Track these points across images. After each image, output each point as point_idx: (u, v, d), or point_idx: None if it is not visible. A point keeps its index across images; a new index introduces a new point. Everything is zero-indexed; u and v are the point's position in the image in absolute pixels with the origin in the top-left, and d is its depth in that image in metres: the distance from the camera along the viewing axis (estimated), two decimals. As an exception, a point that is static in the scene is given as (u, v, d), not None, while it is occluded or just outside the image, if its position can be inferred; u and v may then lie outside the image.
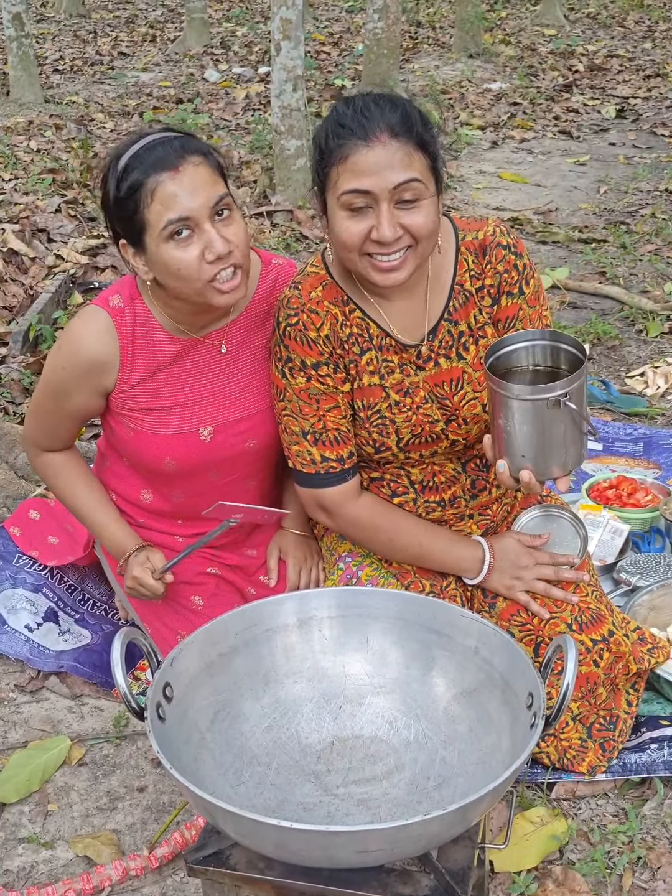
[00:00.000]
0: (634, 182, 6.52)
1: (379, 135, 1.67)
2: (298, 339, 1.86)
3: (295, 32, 5.42)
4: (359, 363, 1.89)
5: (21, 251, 4.66)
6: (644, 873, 1.83)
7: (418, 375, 1.90)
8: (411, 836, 1.27)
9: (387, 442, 1.92)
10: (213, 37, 11.85)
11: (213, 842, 1.45)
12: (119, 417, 2.04)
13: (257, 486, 2.17)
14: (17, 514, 2.62)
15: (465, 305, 1.89)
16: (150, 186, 1.76)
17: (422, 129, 1.71)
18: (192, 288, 1.82)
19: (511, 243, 1.87)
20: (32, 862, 1.90)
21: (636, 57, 10.71)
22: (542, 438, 1.62)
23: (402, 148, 1.68)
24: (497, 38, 11.36)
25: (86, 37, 12.37)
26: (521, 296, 1.88)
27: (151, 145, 1.79)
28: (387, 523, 1.95)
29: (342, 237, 1.73)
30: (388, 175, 1.67)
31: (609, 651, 1.93)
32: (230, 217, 1.82)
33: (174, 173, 1.76)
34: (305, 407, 1.89)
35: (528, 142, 7.67)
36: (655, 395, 3.69)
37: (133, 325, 1.96)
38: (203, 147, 1.84)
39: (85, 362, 1.96)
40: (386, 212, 1.68)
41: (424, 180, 1.70)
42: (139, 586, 2.05)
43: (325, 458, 1.90)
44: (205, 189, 1.78)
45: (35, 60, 8.71)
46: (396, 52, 7.95)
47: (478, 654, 1.61)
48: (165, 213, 1.76)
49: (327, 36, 11.77)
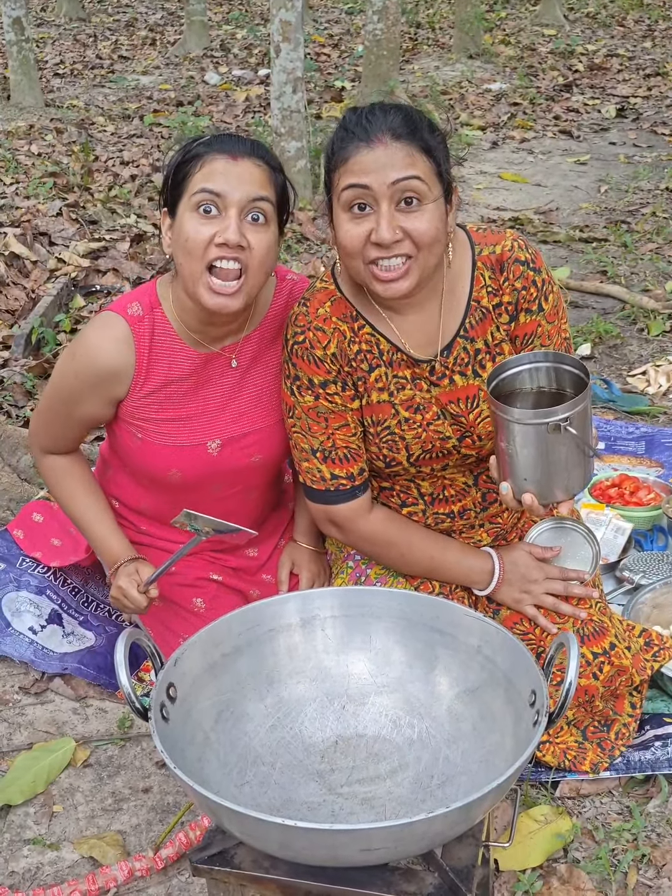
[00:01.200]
0: (635, 181, 6.53)
1: (381, 136, 1.67)
2: (305, 358, 1.84)
3: (294, 34, 5.43)
4: (367, 380, 1.87)
5: (23, 255, 4.67)
6: (649, 871, 1.83)
7: (432, 392, 1.88)
8: (415, 834, 1.28)
9: (397, 457, 1.90)
10: (212, 39, 11.86)
11: (217, 841, 1.45)
12: (126, 426, 2.03)
13: (258, 497, 2.17)
14: (21, 516, 2.62)
15: (482, 322, 1.86)
16: (205, 159, 1.80)
17: (427, 133, 1.71)
18: (191, 268, 1.81)
19: (529, 258, 1.83)
20: (38, 863, 1.91)
21: (636, 56, 10.72)
22: (545, 462, 1.61)
23: (404, 149, 1.67)
24: (497, 38, 11.37)
25: (86, 40, 12.38)
26: (540, 312, 1.84)
27: (230, 136, 1.85)
28: (399, 538, 1.94)
29: (344, 241, 1.72)
30: (387, 172, 1.66)
31: (610, 664, 1.92)
32: (261, 226, 1.81)
33: (231, 159, 1.80)
34: (314, 425, 1.87)
35: (528, 142, 7.68)
36: (657, 393, 3.69)
37: (151, 334, 1.94)
38: (274, 161, 1.86)
39: (100, 372, 1.93)
40: (386, 212, 1.67)
41: (427, 181, 1.69)
42: (122, 597, 2.02)
43: (335, 476, 1.89)
44: (250, 185, 1.80)
45: (35, 64, 8.72)
46: (396, 54, 7.96)
47: (480, 653, 1.61)
48: (203, 181, 1.79)
49: (327, 38, 11.78)
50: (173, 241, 1.85)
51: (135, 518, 2.19)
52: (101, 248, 4.89)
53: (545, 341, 1.87)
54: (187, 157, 1.82)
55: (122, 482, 2.17)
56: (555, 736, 1.95)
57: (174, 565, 1.98)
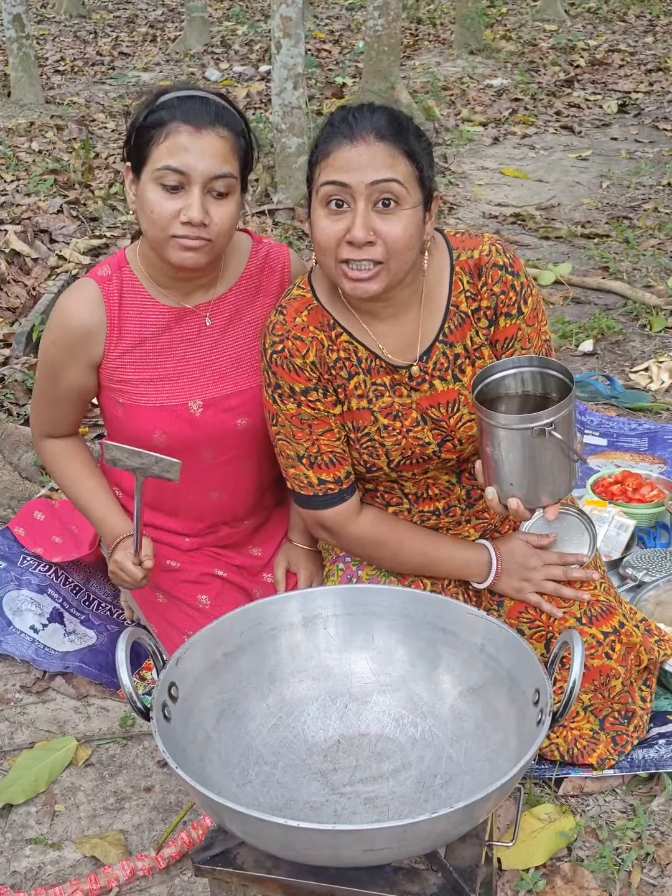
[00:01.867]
0: (637, 177, 6.51)
1: (365, 135, 1.66)
2: (285, 366, 1.84)
3: (295, 30, 5.41)
4: (347, 387, 1.87)
5: (23, 252, 4.66)
6: (653, 870, 1.82)
7: (412, 397, 1.88)
8: (418, 834, 1.27)
9: (378, 463, 1.91)
10: (213, 36, 11.84)
11: (219, 841, 1.44)
12: (109, 393, 2.04)
13: (255, 467, 2.16)
14: (22, 514, 2.61)
15: (461, 327, 1.85)
16: (168, 128, 1.80)
17: (412, 137, 1.69)
18: (156, 235, 1.85)
19: (507, 263, 1.82)
20: (40, 863, 1.90)
21: (637, 51, 10.69)
22: (530, 467, 1.60)
23: (386, 149, 1.66)
24: (498, 34, 11.34)
25: (86, 37, 12.36)
26: (519, 316, 1.84)
27: (193, 97, 1.83)
28: (389, 538, 1.93)
29: (318, 237, 1.71)
30: (367, 171, 1.65)
31: (620, 643, 1.92)
32: (224, 201, 1.84)
33: (195, 130, 1.80)
34: (298, 432, 1.87)
35: (529, 137, 7.66)
36: (660, 389, 3.68)
37: (120, 291, 1.97)
38: (237, 126, 1.86)
39: (73, 333, 1.97)
40: (362, 211, 1.66)
41: (406, 185, 1.67)
42: (119, 570, 2.04)
43: (322, 481, 1.89)
44: (213, 160, 1.81)
45: (36, 61, 8.71)
46: (397, 50, 7.93)
47: (484, 652, 1.60)
48: (167, 157, 1.79)
49: (328, 34, 11.76)
50: (137, 204, 1.88)
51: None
52: (102, 245, 4.89)
53: (525, 344, 1.86)
54: (151, 122, 1.82)
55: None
56: (570, 720, 1.94)
57: (181, 557, 1.98)
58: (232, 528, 2.23)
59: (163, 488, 2.04)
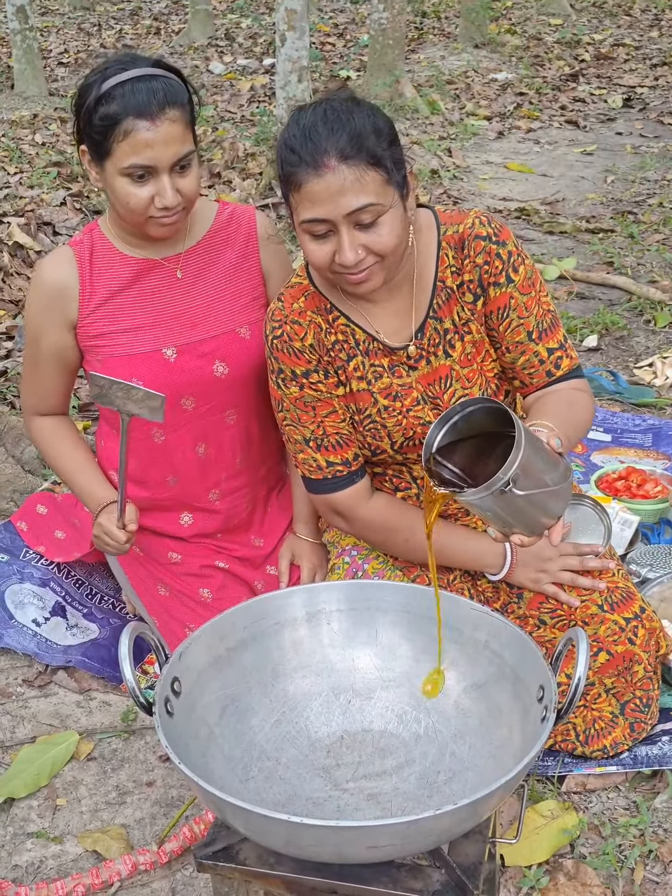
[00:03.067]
0: (642, 171, 6.49)
1: (327, 161, 1.62)
2: (285, 350, 1.86)
3: (300, 23, 5.39)
4: (346, 369, 1.89)
5: (26, 244, 4.65)
6: (656, 867, 1.81)
7: (411, 376, 1.89)
8: (422, 831, 1.26)
9: (381, 445, 1.91)
10: (217, 29, 11.82)
11: (222, 837, 1.44)
12: (89, 355, 2.10)
13: (239, 422, 2.17)
14: (24, 508, 2.61)
15: (448, 302, 1.86)
16: (124, 126, 1.86)
17: (373, 144, 1.64)
18: (134, 219, 1.96)
19: (491, 233, 1.81)
20: (41, 857, 1.90)
21: (643, 46, 10.65)
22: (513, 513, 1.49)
23: (352, 172, 1.62)
24: (503, 27, 11.30)
25: (90, 29, 12.34)
26: (510, 284, 1.81)
27: (138, 84, 1.88)
28: (403, 523, 1.93)
29: (310, 259, 1.73)
30: (340, 201, 1.63)
31: (643, 627, 1.92)
32: (188, 170, 1.94)
33: (150, 124, 1.86)
34: (303, 415, 1.89)
35: (534, 132, 7.64)
36: (664, 385, 3.66)
37: (91, 250, 2.07)
38: (182, 97, 1.93)
39: (48, 290, 2.06)
40: (346, 236, 1.65)
41: (380, 199, 1.65)
42: (103, 534, 2.06)
43: (331, 463, 1.90)
44: (174, 145, 1.89)
45: (39, 54, 8.69)
46: (402, 43, 7.91)
47: (488, 648, 1.60)
48: (132, 156, 1.88)
49: (332, 27, 11.73)
50: (107, 189, 1.97)
51: (132, 488, 2.18)
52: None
53: (522, 313, 1.83)
54: (104, 115, 1.87)
55: (112, 442, 2.19)
56: (591, 701, 1.94)
57: (187, 542, 1.97)
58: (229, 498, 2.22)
59: (152, 448, 2.11)
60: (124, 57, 1.95)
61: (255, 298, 2.15)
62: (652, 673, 1.98)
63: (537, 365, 1.86)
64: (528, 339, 1.84)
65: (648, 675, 1.96)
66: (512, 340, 1.85)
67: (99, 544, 2.11)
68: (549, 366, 1.86)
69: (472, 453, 1.55)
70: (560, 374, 1.87)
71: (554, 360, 1.86)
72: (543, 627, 1.95)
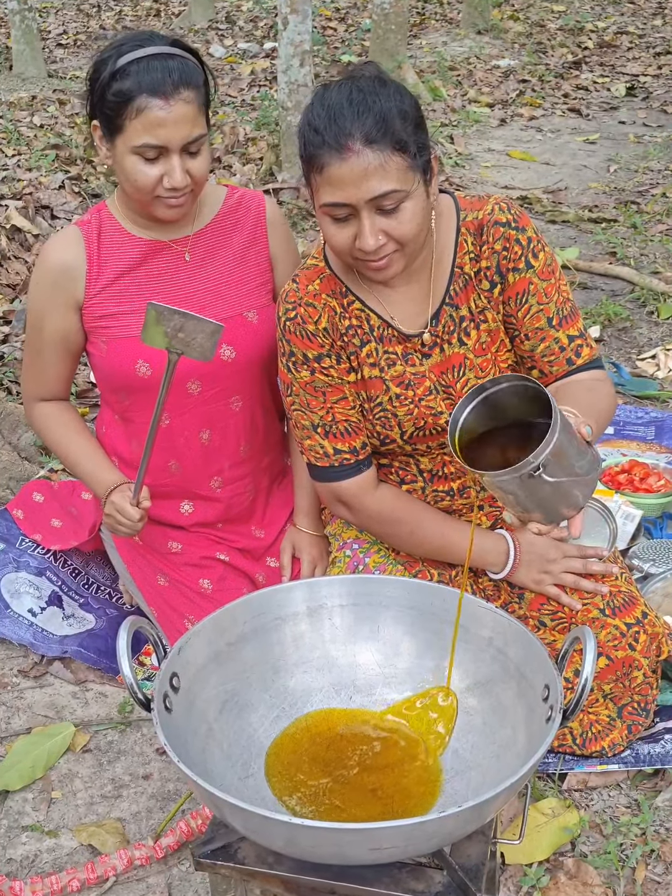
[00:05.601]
0: (645, 161, 6.45)
1: (351, 144, 1.58)
2: (298, 333, 1.83)
3: (303, 6, 5.34)
4: (359, 355, 1.86)
5: (24, 228, 4.61)
6: (657, 866, 1.80)
7: (424, 364, 1.86)
8: (426, 833, 1.24)
9: (391, 435, 1.88)
10: (218, 11, 11.71)
11: (220, 835, 1.42)
12: (93, 337, 2.07)
13: (244, 409, 2.15)
14: (21, 496, 2.58)
15: (465, 289, 1.83)
16: (138, 104, 1.85)
17: (399, 128, 1.60)
18: (142, 198, 1.95)
19: (511, 219, 1.78)
20: (36, 850, 1.88)
21: (646, 34, 10.57)
22: (536, 499, 1.46)
23: (376, 157, 1.58)
24: (506, 14, 11.21)
25: (89, 11, 12.23)
26: (529, 269, 1.78)
27: (154, 61, 1.86)
28: (408, 515, 1.91)
29: (330, 242, 1.70)
30: (363, 186, 1.59)
31: (645, 633, 1.89)
32: (199, 153, 1.93)
33: (164, 103, 1.85)
34: (312, 400, 1.86)
35: (536, 119, 7.59)
36: (667, 377, 3.64)
37: (98, 230, 2.05)
38: (198, 79, 1.91)
39: (53, 269, 2.03)
40: (367, 221, 1.62)
41: (403, 185, 1.62)
42: (116, 513, 2.01)
43: (338, 451, 1.87)
44: (186, 126, 1.88)
45: (38, 35, 8.61)
46: (404, 28, 7.84)
47: (492, 645, 1.57)
48: (144, 135, 1.86)
49: (334, 11, 11.63)
50: (116, 166, 1.95)
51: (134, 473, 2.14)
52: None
53: (542, 299, 1.80)
54: (118, 91, 1.85)
55: (114, 429, 2.18)
56: (589, 705, 1.92)
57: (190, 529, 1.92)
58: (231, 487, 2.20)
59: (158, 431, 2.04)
60: (141, 34, 1.93)
61: (262, 283, 2.13)
62: (651, 677, 1.96)
63: (557, 352, 1.82)
64: (549, 325, 1.81)
65: (648, 681, 1.94)
66: (531, 327, 1.81)
67: (110, 524, 2.06)
68: (569, 353, 1.82)
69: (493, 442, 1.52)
70: (580, 363, 1.83)
71: (574, 348, 1.82)
72: (543, 629, 1.92)
